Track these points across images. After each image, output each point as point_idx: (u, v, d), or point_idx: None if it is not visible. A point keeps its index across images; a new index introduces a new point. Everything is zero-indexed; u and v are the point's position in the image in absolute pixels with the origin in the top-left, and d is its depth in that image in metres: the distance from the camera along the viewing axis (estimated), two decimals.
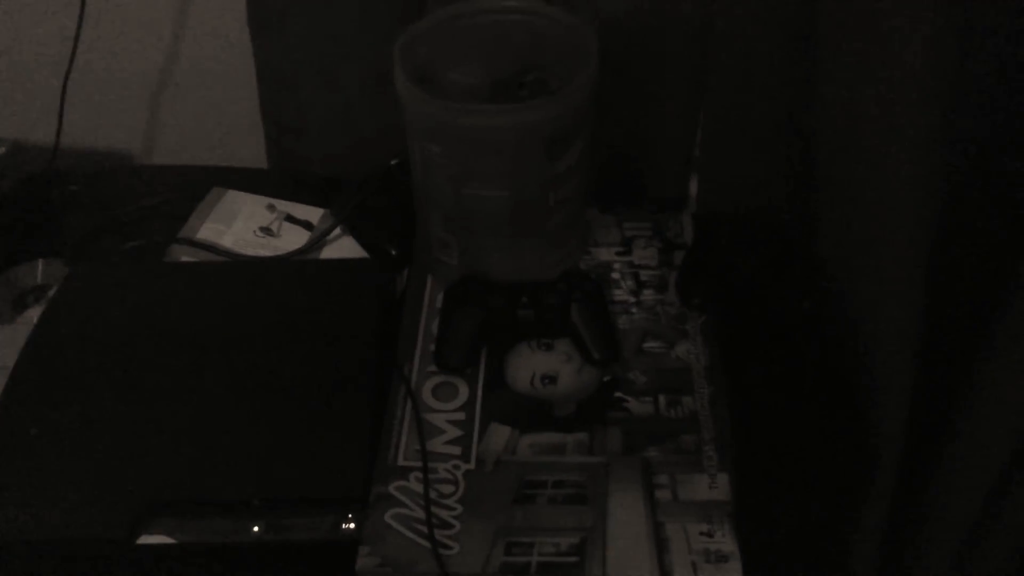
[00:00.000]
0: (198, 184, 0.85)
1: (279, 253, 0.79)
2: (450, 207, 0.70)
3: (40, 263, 0.78)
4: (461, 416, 0.66)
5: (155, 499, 0.58)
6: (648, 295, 0.74)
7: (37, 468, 0.60)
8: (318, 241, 0.80)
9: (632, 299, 0.73)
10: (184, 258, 0.78)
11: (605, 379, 0.68)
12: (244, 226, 0.81)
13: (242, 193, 0.84)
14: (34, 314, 0.74)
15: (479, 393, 0.67)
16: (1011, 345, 0.67)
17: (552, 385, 0.68)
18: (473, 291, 0.71)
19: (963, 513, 0.71)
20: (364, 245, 0.79)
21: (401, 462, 0.63)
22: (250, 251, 0.79)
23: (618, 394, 0.67)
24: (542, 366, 0.69)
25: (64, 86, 0.86)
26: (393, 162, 0.83)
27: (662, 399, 0.66)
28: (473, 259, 0.73)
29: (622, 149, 0.82)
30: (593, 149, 0.70)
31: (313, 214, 0.83)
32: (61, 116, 0.87)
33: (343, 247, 0.80)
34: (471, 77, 0.67)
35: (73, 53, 0.85)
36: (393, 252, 0.78)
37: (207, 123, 0.96)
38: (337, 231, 0.80)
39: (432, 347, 0.70)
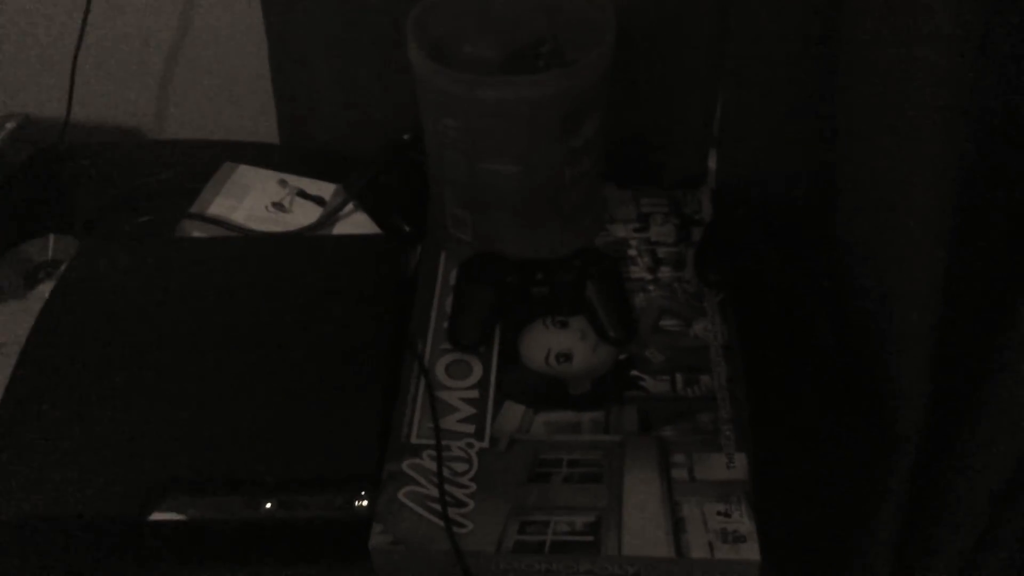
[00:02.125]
0: (209, 159, 0.84)
1: (291, 229, 0.78)
2: (464, 182, 0.69)
3: (51, 238, 0.77)
4: (475, 394, 0.65)
5: (167, 476, 0.58)
6: (665, 272, 0.73)
7: (48, 445, 0.60)
8: (330, 217, 0.79)
9: (649, 276, 0.72)
10: (195, 233, 0.78)
11: (621, 357, 0.67)
12: (256, 201, 0.81)
13: (254, 168, 0.84)
14: (45, 289, 0.73)
15: (493, 371, 0.66)
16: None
17: (567, 363, 0.67)
18: (487, 268, 0.70)
19: (980, 505, 0.70)
20: (377, 221, 0.79)
21: (415, 440, 0.62)
22: (262, 226, 0.78)
23: (634, 372, 0.66)
24: (557, 344, 0.68)
25: (74, 60, 0.85)
26: (406, 137, 0.82)
27: (679, 378, 0.65)
28: (487, 235, 0.72)
29: (640, 124, 0.80)
30: (610, 124, 0.69)
31: (325, 189, 0.82)
32: (71, 91, 0.86)
33: (356, 223, 0.79)
34: (485, 50, 0.66)
35: (83, 27, 0.85)
36: (406, 228, 0.77)
37: (219, 98, 0.95)
38: (350, 207, 0.79)
39: (446, 324, 0.69)
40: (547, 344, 0.68)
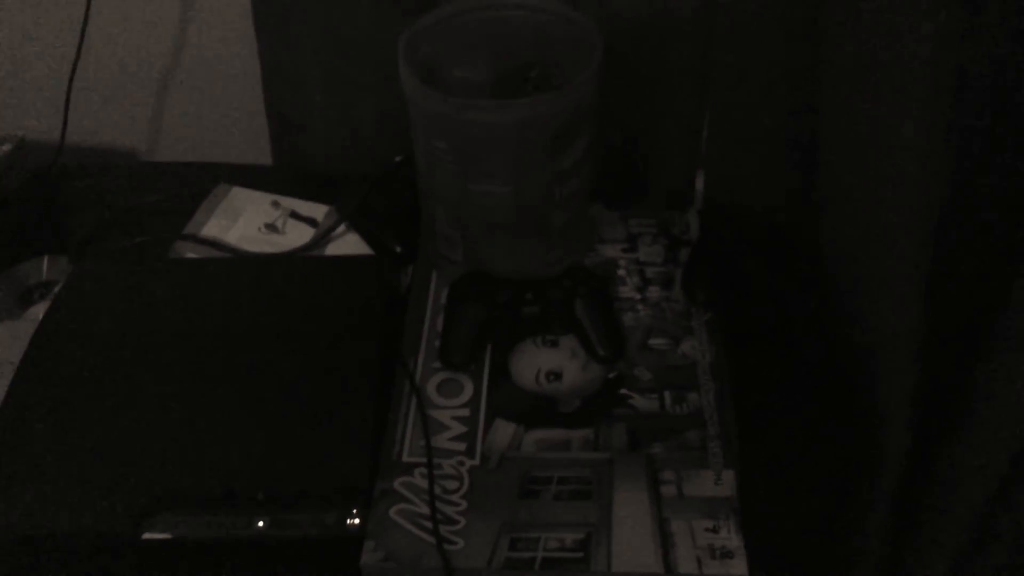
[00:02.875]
0: (203, 181, 0.85)
1: (284, 250, 0.79)
2: (455, 203, 0.70)
3: (45, 259, 0.78)
4: (466, 412, 0.66)
5: (159, 495, 0.58)
6: (653, 292, 0.74)
7: (42, 463, 0.60)
8: (323, 238, 0.80)
9: (637, 296, 0.73)
10: (189, 254, 0.78)
11: (610, 376, 0.68)
12: (249, 223, 0.81)
13: (247, 190, 0.85)
14: (39, 310, 0.74)
15: (484, 389, 0.67)
16: (1013, 346, 0.67)
17: (557, 382, 0.68)
18: (478, 287, 0.71)
19: (966, 514, 0.71)
20: (369, 242, 0.79)
21: (406, 458, 0.63)
22: (255, 248, 0.79)
23: (623, 391, 0.67)
24: (547, 362, 0.69)
25: (70, 83, 0.86)
26: (398, 159, 0.83)
27: (667, 395, 0.66)
28: (478, 255, 0.72)
29: (628, 146, 0.82)
30: (598, 145, 0.70)
31: (318, 211, 0.83)
32: (66, 113, 0.87)
33: (348, 244, 0.80)
34: (475, 73, 0.67)
35: (79, 50, 0.86)
36: (398, 249, 0.78)
37: (212, 120, 0.96)
38: (342, 228, 0.80)
39: (437, 343, 0.70)
40: (537, 363, 0.69)
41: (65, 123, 0.87)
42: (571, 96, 0.64)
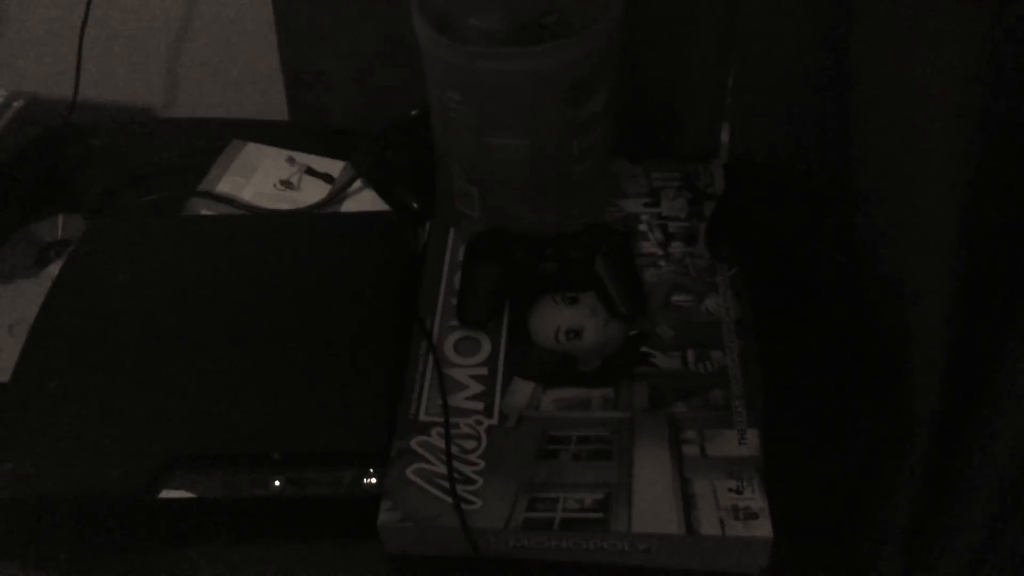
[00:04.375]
0: (217, 137, 0.84)
1: (299, 206, 0.78)
2: (471, 157, 0.68)
3: (60, 218, 0.77)
4: (484, 371, 0.64)
5: (175, 454, 0.58)
6: (676, 247, 0.72)
7: (57, 422, 0.60)
8: (338, 194, 0.78)
9: (660, 251, 0.71)
10: (204, 211, 0.77)
11: (631, 333, 0.66)
12: (264, 179, 0.80)
13: (262, 146, 0.83)
14: (55, 269, 0.73)
15: (502, 348, 0.66)
16: None
17: (577, 340, 0.66)
18: (495, 244, 0.69)
19: (997, 485, 0.69)
20: (385, 198, 0.78)
21: (423, 417, 0.62)
22: (270, 204, 0.78)
23: (645, 349, 0.65)
24: (566, 320, 0.67)
25: (81, 39, 0.85)
26: (413, 113, 0.81)
27: (690, 354, 0.65)
28: (495, 211, 0.71)
29: (650, 97, 0.79)
30: (619, 96, 0.68)
31: (333, 167, 0.81)
32: (79, 69, 0.86)
33: (364, 200, 0.78)
34: (491, 21, 0.65)
35: (88, 5, 0.84)
36: (414, 205, 0.77)
37: (226, 75, 0.94)
38: (358, 184, 0.79)
39: (454, 301, 0.69)
40: (557, 320, 0.67)
41: (77, 80, 0.86)
42: (589, 44, 0.62)
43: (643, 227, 0.73)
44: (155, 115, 0.97)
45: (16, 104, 0.78)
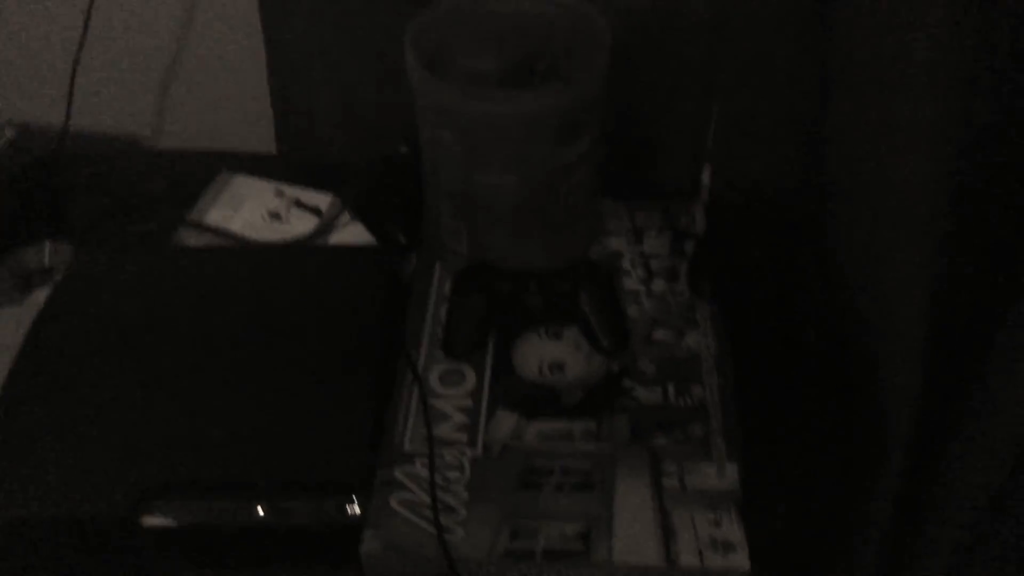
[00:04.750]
0: (206, 168, 0.84)
1: (287, 238, 0.78)
2: (459, 194, 0.70)
3: (47, 245, 0.78)
4: (468, 402, 0.65)
5: (159, 481, 0.58)
6: (658, 284, 0.73)
7: (40, 448, 0.60)
8: (326, 227, 0.79)
9: (642, 288, 0.73)
10: (192, 242, 0.78)
11: (613, 368, 0.67)
12: (252, 211, 0.81)
13: (250, 178, 0.84)
14: (40, 296, 0.73)
15: (487, 380, 0.67)
16: (1018, 345, 0.66)
17: (560, 373, 0.67)
18: (481, 278, 0.70)
19: (967, 514, 0.71)
20: (372, 231, 0.79)
21: (407, 447, 0.62)
22: (258, 236, 0.79)
23: (627, 382, 0.66)
24: (550, 354, 0.68)
25: (74, 69, 0.86)
26: (402, 149, 0.82)
27: (671, 388, 0.66)
28: (481, 246, 0.72)
29: (634, 138, 0.81)
30: (605, 138, 0.70)
31: (322, 200, 0.83)
32: (70, 99, 0.86)
33: (351, 233, 0.79)
34: (482, 63, 0.67)
35: (83, 36, 0.85)
36: (402, 239, 0.78)
37: (216, 107, 0.95)
38: (346, 217, 0.80)
39: (440, 333, 0.70)
40: (540, 354, 0.68)
41: (69, 109, 0.87)
42: (578, 89, 0.64)
43: (626, 264, 0.75)
44: (145, 146, 0.98)
45: (7, 133, 0.78)
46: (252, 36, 0.86)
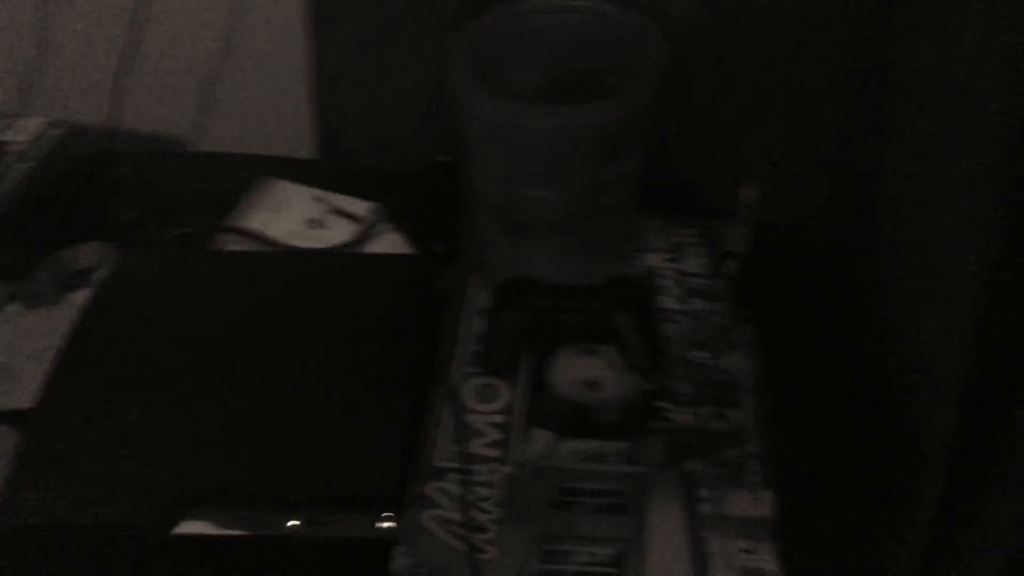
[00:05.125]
0: (248, 173, 0.85)
1: (326, 245, 0.79)
2: (500, 207, 0.69)
3: (87, 246, 0.78)
4: (502, 419, 0.65)
5: (192, 490, 0.58)
6: (696, 304, 0.72)
7: (79, 452, 0.60)
8: (365, 235, 0.79)
9: (679, 307, 0.72)
10: (231, 247, 0.78)
11: (649, 388, 0.67)
12: (292, 217, 0.81)
13: (291, 184, 0.85)
14: (79, 296, 0.74)
15: (521, 396, 0.66)
16: None
17: (594, 391, 0.67)
18: (519, 293, 0.70)
19: (1001, 555, 0.69)
20: (411, 241, 0.79)
21: (439, 463, 0.62)
22: (297, 242, 0.79)
23: (661, 404, 0.65)
24: (585, 372, 0.68)
25: (119, 70, 0.87)
26: (443, 158, 0.82)
27: (707, 411, 0.65)
28: (521, 260, 0.72)
29: (677, 154, 0.80)
30: (649, 154, 0.69)
31: (361, 208, 0.83)
32: (116, 100, 0.87)
33: (390, 242, 0.79)
34: (530, 76, 0.66)
35: (130, 37, 0.86)
36: (440, 249, 0.78)
37: (259, 112, 0.96)
38: (384, 226, 0.80)
39: (475, 348, 0.69)
40: (575, 371, 0.68)
41: (114, 110, 0.88)
42: (628, 104, 0.63)
43: (663, 282, 0.74)
44: (188, 148, 0.99)
45: (55, 132, 0.79)
46: (296, 41, 0.86)
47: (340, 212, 0.82)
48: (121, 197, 0.84)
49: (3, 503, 0.58)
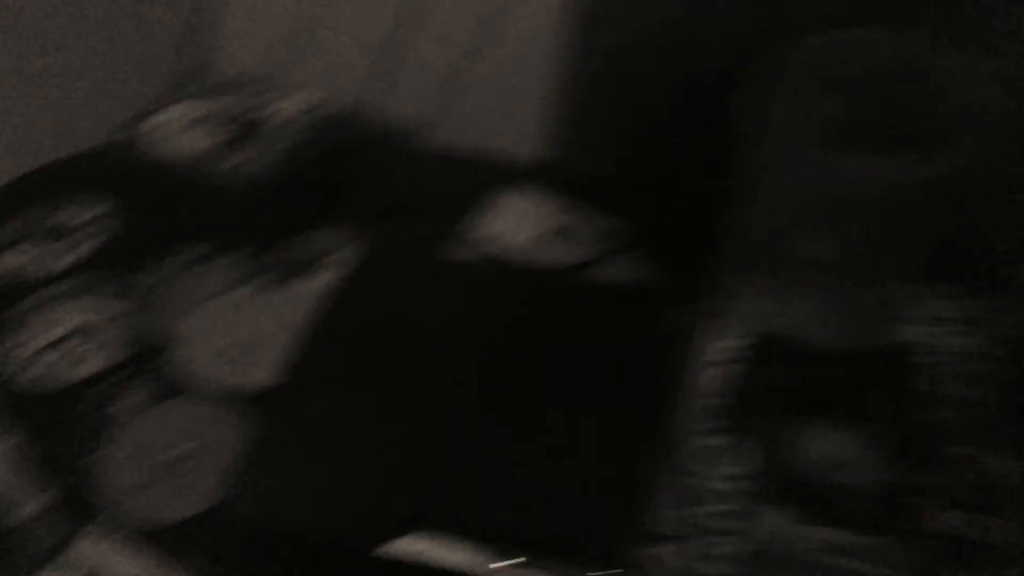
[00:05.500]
0: (492, 175, 0.83)
1: (560, 263, 0.75)
2: (765, 252, 0.63)
3: (324, 232, 0.79)
4: (728, 487, 0.59)
5: (409, 511, 0.56)
6: (968, 390, 0.63)
7: (308, 448, 0.59)
8: (599, 256, 0.75)
9: (947, 391, 0.63)
10: (463, 254, 0.76)
11: (902, 479, 0.58)
12: (526, 228, 0.78)
13: (531, 191, 0.82)
14: (305, 286, 0.74)
15: (758, 466, 0.60)
16: None
17: (839, 473, 0.59)
18: (770, 350, 0.63)
19: None
20: (651, 270, 0.74)
21: (656, 527, 0.57)
22: (526, 256, 0.76)
23: (917, 500, 0.57)
24: (834, 450, 0.60)
25: (380, 54, 0.86)
26: (709, 181, 0.76)
27: (970, 516, 0.56)
28: (776, 313, 0.65)
29: (972, 219, 0.70)
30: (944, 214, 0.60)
31: (599, 226, 0.78)
32: (371, 86, 0.87)
33: (622, 267, 0.75)
34: (832, 110, 0.58)
35: (393, 24, 0.86)
36: (683, 283, 0.72)
37: (511, 110, 0.93)
38: (624, 248, 0.75)
39: (705, 402, 0.63)
40: (823, 447, 0.61)
41: (370, 96, 0.88)
42: (966, 156, 0.54)
43: (933, 359, 0.65)
44: (442, 141, 0.98)
45: (314, 113, 0.80)
46: (556, 43, 0.83)
47: (575, 228, 0.78)
48: (365, 186, 0.84)
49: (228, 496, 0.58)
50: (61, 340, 0.69)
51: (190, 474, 0.61)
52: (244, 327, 0.71)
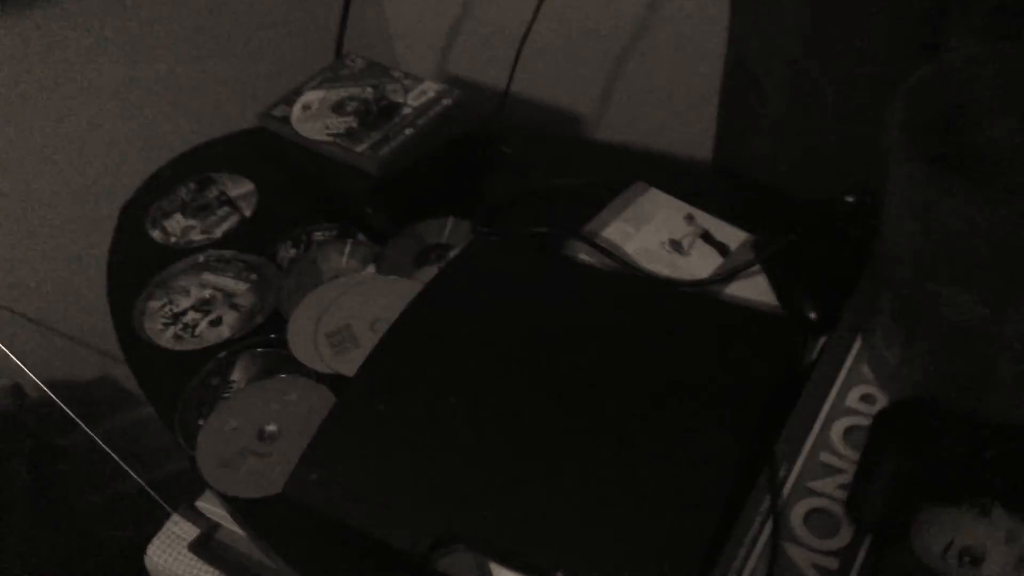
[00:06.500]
0: (627, 172, 0.77)
1: (680, 275, 0.68)
2: (906, 295, 0.53)
3: (449, 221, 0.77)
4: (834, 563, 0.51)
5: (458, 525, 0.53)
6: None
7: (369, 447, 0.58)
8: (728, 274, 0.68)
9: None
10: (582, 254, 0.71)
11: None
12: (654, 233, 0.72)
13: (663, 195, 0.75)
14: (430, 272, 0.72)
15: (866, 542, 0.51)
16: None
17: (974, 568, 0.49)
18: (917, 423, 0.53)
19: None
20: (780, 295, 0.66)
21: None
22: (651, 264, 0.70)
23: None
24: (967, 536, 0.50)
25: (521, 45, 0.83)
26: (849, 199, 0.67)
27: None
28: (923, 373, 0.55)
29: None
30: None
31: (733, 238, 0.71)
32: (512, 75, 0.84)
33: (753, 288, 0.67)
34: (1010, 134, 0.48)
35: (535, 13, 0.81)
36: (812, 315, 0.63)
37: (662, 105, 0.86)
38: (754, 268, 0.68)
39: (823, 453, 0.55)
40: (953, 532, 0.51)
41: (509, 86, 0.84)
42: None
43: None
44: (574, 133, 0.93)
45: (445, 102, 0.78)
46: (715, 36, 0.75)
47: (708, 238, 0.71)
48: (493, 176, 0.81)
49: (294, 473, 0.57)
50: (198, 305, 0.73)
51: (276, 453, 0.62)
52: (353, 312, 0.70)
